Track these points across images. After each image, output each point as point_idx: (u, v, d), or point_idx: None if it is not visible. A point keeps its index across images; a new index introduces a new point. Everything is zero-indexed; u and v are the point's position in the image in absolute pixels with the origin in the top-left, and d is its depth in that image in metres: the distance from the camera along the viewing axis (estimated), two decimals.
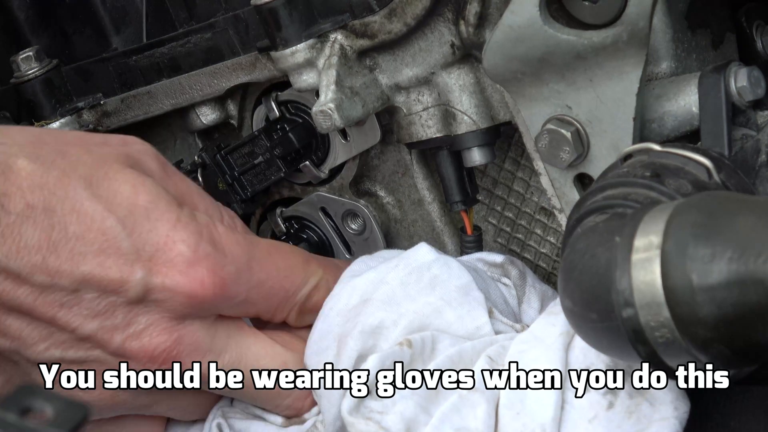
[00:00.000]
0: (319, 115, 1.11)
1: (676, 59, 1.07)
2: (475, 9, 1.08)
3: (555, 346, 0.99)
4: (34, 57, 1.29)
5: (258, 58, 1.19)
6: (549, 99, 1.07)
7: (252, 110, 1.30)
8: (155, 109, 1.27)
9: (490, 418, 0.97)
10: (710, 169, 0.92)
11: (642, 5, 0.98)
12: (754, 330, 0.81)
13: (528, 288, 1.15)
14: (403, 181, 1.27)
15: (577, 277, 0.89)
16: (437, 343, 1.04)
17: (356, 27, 1.12)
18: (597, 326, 0.88)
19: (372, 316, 1.05)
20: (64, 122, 1.29)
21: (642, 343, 0.84)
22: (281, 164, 1.24)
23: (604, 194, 0.93)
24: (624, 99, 1.04)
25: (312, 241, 1.31)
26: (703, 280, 0.80)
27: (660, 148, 0.95)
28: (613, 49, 1.01)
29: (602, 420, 0.95)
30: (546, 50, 1.03)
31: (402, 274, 1.08)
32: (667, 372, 0.87)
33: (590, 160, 1.07)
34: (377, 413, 0.99)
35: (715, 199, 0.85)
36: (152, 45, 1.25)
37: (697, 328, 0.82)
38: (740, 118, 1.06)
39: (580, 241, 0.91)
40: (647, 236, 0.83)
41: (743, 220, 0.81)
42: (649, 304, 0.83)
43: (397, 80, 1.16)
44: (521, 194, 1.24)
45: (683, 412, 0.94)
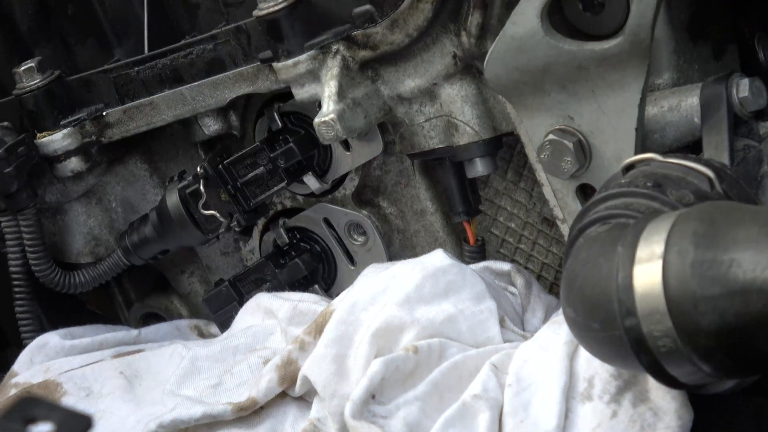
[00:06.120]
0: (321, 126, 1.12)
1: (677, 70, 1.08)
2: (477, 20, 1.09)
3: (559, 355, 1.00)
4: (36, 68, 1.29)
5: (260, 69, 1.19)
6: (551, 109, 1.07)
7: (254, 121, 1.30)
8: (158, 120, 1.27)
9: (493, 425, 0.98)
10: (712, 180, 0.93)
11: (644, 17, 0.99)
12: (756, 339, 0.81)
13: (533, 297, 1.16)
14: (405, 192, 1.27)
15: (580, 286, 0.90)
16: (445, 350, 1.05)
17: (358, 38, 1.13)
18: (599, 336, 0.88)
19: (385, 316, 1.06)
20: (66, 133, 1.29)
21: (645, 352, 0.85)
22: (284, 175, 1.24)
23: (606, 204, 0.93)
24: (626, 110, 1.04)
25: (315, 252, 1.32)
26: (706, 290, 0.81)
27: (662, 158, 0.95)
28: (615, 60, 1.02)
29: (606, 429, 0.95)
30: (547, 61, 1.04)
31: (418, 277, 1.08)
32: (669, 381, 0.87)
33: (592, 170, 1.08)
34: (381, 418, 1.00)
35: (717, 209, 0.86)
36: (154, 56, 1.26)
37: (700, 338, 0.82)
38: (742, 128, 1.07)
39: (583, 251, 0.91)
40: (649, 246, 0.84)
41: (745, 231, 0.81)
42: (652, 314, 0.83)
43: (399, 91, 1.16)
44: (524, 204, 1.25)
45: (687, 421, 0.94)
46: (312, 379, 1.06)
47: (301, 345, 1.09)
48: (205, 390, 1.13)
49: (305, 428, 1.05)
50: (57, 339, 1.30)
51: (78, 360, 1.25)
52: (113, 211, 1.40)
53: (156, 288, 1.50)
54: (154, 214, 1.33)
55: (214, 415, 1.07)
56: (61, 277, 1.37)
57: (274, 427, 1.07)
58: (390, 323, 1.06)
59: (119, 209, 1.40)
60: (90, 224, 1.40)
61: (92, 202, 1.40)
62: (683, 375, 0.86)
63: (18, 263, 1.36)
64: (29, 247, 1.34)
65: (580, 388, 0.97)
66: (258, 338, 1.20)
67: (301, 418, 1.07)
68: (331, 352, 1.06)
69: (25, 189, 1.31)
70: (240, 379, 1.13)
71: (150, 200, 1.39)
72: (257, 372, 1.12)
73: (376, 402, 1.01)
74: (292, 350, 1.09)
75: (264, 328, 1.20)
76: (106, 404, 1.17)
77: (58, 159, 1.31)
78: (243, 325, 1.23)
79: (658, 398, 0.95)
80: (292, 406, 1.08)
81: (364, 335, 1.05)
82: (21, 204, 1.32)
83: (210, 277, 1.43)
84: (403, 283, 1.08)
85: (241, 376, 1.13)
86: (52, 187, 1.36)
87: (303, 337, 1.09)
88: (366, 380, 1.01)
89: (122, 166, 1.39)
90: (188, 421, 1.07)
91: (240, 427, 1.07)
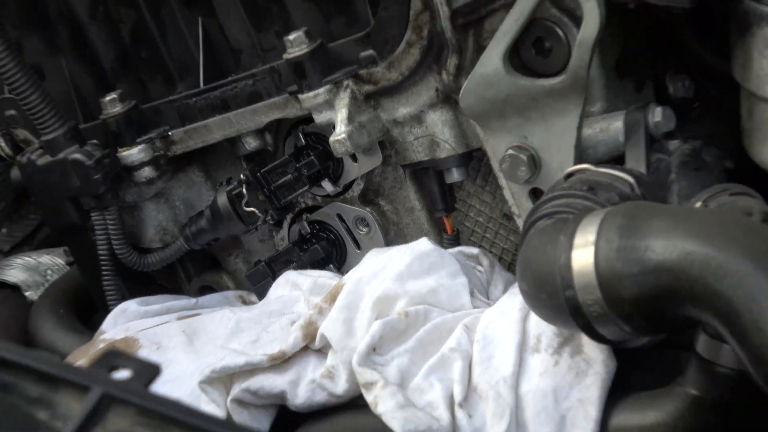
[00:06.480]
0: (335, 143, 1.12)
1: (607, 101, 1.07)
2: (454, 62, 1.09)
3: (515, 318, 1.00)
4: (118, 99, 1.29)
5: (288, 100, 1.19)
6: (510, 131, 1.07)
7: (284, 139, 1.30)
8: (210, 138, 1.27)
9: (465, 371, 0.98)
10: (633, 185, 0.93)
11: (581, 60, 0.99)
12: (665, 306, 0.81)
13: (496, 274, 1.16)
14: (399, 194, 1.27)
15: (531, 266, 0.90)
16: (429, 314, 1.05)
17: (363, 76, 1.13)
18: (546, 303, 0.88)
19: (383, 287, 1.06)
20: (140, 149, 1.29)
21: (580, 316, 0.85)
22: (306, 181, 1.24)
23: (552, 203, 0.93)
24: (567, 131, 1.04)
25: (330, 239, 1.32)
26: (627, 269, 0.81)
27: (594, 168, 0.96)
28: (559, 93, 1.02)
29: (550, 374, 0.95)
30: (508, 93, 1.04)
31: (408, 259, 1.08)
32: (599, 338, 0.88)
33: (541, 177, 1.08)
34: (379, 365, 1.00)
35: (636, 207, 0.86)
36: (208, 89, 1.25)
37: (622, 305, 0.82)
38: (656, 145, 1.06)
39: (533, 239, 0.92)
40: (584, 235, 0.84)
41: (657, 223, 0.81)
42: (586, 287, 0.83)
43: (395, 116, 1.16)
44: (489, 203, 1.25)
45: (612, 368, 0.94)
46: (328, 336, 1.06)
47: (320, 310, 1.09)
48: (246, 344, 1.13)
49: (322, 373, 1.05)
50: (134, 305, 1.31)
51: (150, 321, 1.26)
52: (177, 208, 1.40)
53: (210, 267, 1.50)
54: (208, 210, 1.33)
55: (253, 364, 1.07)
56: (137, 258, 1.37)
57: (299, 373, 1.07)
58: (387, 294, 1.06)
59: (181, 207, 1.40)
60: (159, 218, 1.40)
61: (161, 201, 1.40)
62: (609, 333, 0.86)
63: (105, 248, 1.36)
64: (113, 235, 1.34)
65: (530, 343, 0.98)
66: (287, 305, 1.20)
67: (319, 365, 1.07)
68: (342, 315, 1.06)
69: (109, 191, 1.31)
70: (273, 336, 1.13)
71: (205, 200, 1.39)
72: (286, 331, 1.12)
73: (376, 354, 1.01)
74: (313, 314, 1.09)
75: (291, 297, 1.20)
76: (172, 355, 1.17)
77: (135, 168, 1.31)
78: (275, 295, 1.23)
79: (590, 351, 0.95)
80: (313, 357, 1.08)
81: (367, 303, 1.06)
82: (107, 203, 1.32)
83: (250, 259, 1.43)
84: (397, 263, 1.08)
85: (274, 333, 1.13)
86: (131, 190, 1.36)
87: (321, 304, 1.09)
88: (368, 337, 1.02)
89: (183, 174, 1.39)
90: (234, 368, 1.07)
91: (273, 372, 1.07)
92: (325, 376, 1.05)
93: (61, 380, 0.61)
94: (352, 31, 1.13)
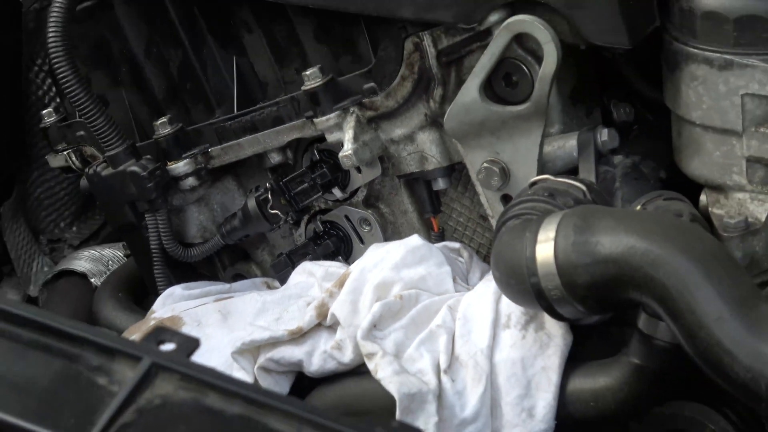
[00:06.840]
0: (343, 158, 1.11)
1: (564, 123, 1.07)
2: (439, 93, 1.08)
3: (490, 299, 0.99)
4: (167, 122, 1.28)
5: (306, 123, 1.18)
6: (485, 148, 1.07)
7: (302, 155, 1.29)
8: (242, 154, 1.26)
9: (449, 344, 0.98)
10: (585, 191, 0.93)
11: (542, 90, 0.99)
12: (612, 291, 0.81)
13: (474, 265, 1.15)
14: (395, 199, 1.26)
15: (503, 258, 0.89)
16: (419, 297, 1.04)
17: (366, 104, 1.12)
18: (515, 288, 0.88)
19: (382, 275, 1.05)
20: (185, 162, 1.28)
21: (543, 299, 0.85)
22: (320, 188, 1.23)
23: (519, 207, 0.93)
24: (531, 148, 1.04)
25: (339, 236, 1.31)
26: (581, 260, 0.81)
27: (554, 178, 0.96)
28: (525, 118, 1.02)
29: (518, 346, 0.95)
30: (483, 118, 1.04)
31: (402, 252, 1.08)
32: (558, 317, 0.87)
33: (511, 185, 1.07)
34: (379, 339, 1.00)
35: (588, 209, 0.86)
36: (240, 114, 1.25)
37: (577, 289, 0.82)
38: (603, 160, 1.07)
39: (504, 236, 0.91)
40: (546, 233, 0.84)
41: (606, 222, 0.81)
42: (547, 275, 0.83)
43: (391, 136, 1.15)
44: (468, 207, 1.24)
45: (569, 341, 0.94)
46: (337, 315, 1.05)
47: (330, 294, 1.08)
48: (270, 322, 1.12)
49: (332, 345, 1.05)
50: (179, 290, 1.30)
51: (192, 303, 1.25)
52: (215, 211, 1.39)
53: (241, 258, 1.49)
54: (240, 212, 1.32)
55: (276, 338, 1.06)
56: (182, 251, 1.36)
57: (313, 345, 1.06)
58: (385, 280, 1.05)
59: (218, 209, 1.40)
60: (200, 219, 1.39)
61: (202, 205, 1.39)
62: (567, 312, 0.86)
63: (156, 243, 1.35)
64: (163, 233, 1.33)
65: (502, 320, 0.97)
66: (304, 289, 1.19)
67: (330, 339, 1.06)
68: (349, 298, 1.05)
69: (160, 197, 1.30)
70: (292, 315, 1.12)
71: (237, 204, 1.38)
72: (303, 311, 1.11)
73: (376, 329, 1.01)
74: (325, 297, 1.08)
75: (307, 283, 1.20)
76: (209, 331, 1.16)
77: (181, 178, 1.29)
78: (294, 282, 1.22)
79: (551, 327, 0.95)
80: (325, 332, 1.07)
81: (369, 288, 1.05)
82: (157, 206, 1.31)
83: (274, 252, 1.42)
84: (394, 255, 1.08)
85: (293, 313, 1.12)
86: (177, 196, 1.35)
87: (331, 289, 1.08)
88: (370, 316, 1.01)
89: (220, 183, 1.38)
90: (260, 341, 1.06)
91: (292, 345, 1.06)
92: (334, 348, 1.04)
93: (118, 351, 0.61)
94: (357, 68, 1.13)
